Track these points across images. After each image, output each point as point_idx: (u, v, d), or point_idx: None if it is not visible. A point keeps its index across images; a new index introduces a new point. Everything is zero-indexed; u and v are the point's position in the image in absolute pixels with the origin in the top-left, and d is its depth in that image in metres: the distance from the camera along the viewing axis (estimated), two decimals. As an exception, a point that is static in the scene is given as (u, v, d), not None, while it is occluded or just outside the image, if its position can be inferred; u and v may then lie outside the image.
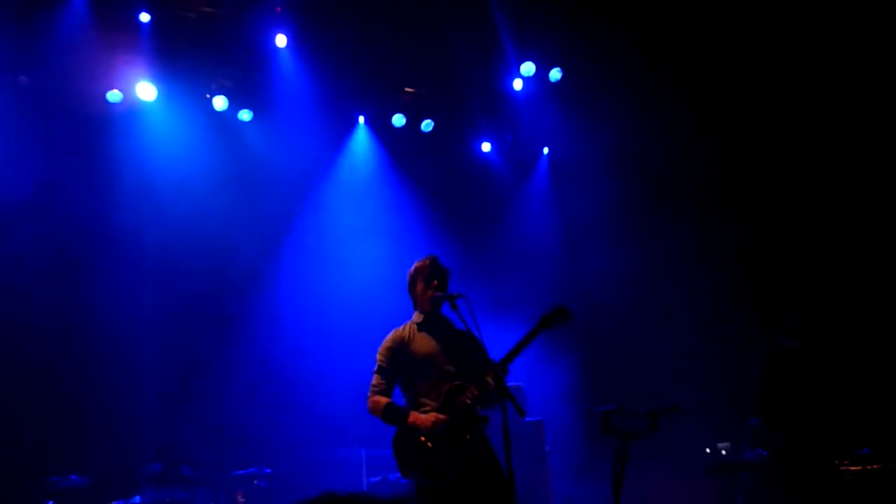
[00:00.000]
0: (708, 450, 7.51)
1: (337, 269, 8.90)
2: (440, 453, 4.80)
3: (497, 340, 4.86)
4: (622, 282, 9.03)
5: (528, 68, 9.37)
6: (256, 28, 8.57)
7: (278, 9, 8.48)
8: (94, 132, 8.56)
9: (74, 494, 7.03)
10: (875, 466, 6.73)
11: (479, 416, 4.97)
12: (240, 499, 7.55)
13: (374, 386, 5.06)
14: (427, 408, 4.93)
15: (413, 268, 5.26)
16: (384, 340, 5.20)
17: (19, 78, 8.19)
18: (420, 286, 5.19)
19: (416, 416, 4.89)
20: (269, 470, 7.76)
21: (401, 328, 5.23)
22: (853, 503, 6.67)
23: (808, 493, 6.15)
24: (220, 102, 8.91)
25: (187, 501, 7.37)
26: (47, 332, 7.73)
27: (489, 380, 4.78)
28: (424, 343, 5.11)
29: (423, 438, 4.85)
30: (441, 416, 4.85)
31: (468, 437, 4.83)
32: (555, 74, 9.37)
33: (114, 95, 8.48)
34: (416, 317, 5.23)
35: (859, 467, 6.88)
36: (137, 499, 7.21)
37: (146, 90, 8.49)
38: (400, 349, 5.12)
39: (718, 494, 7.46)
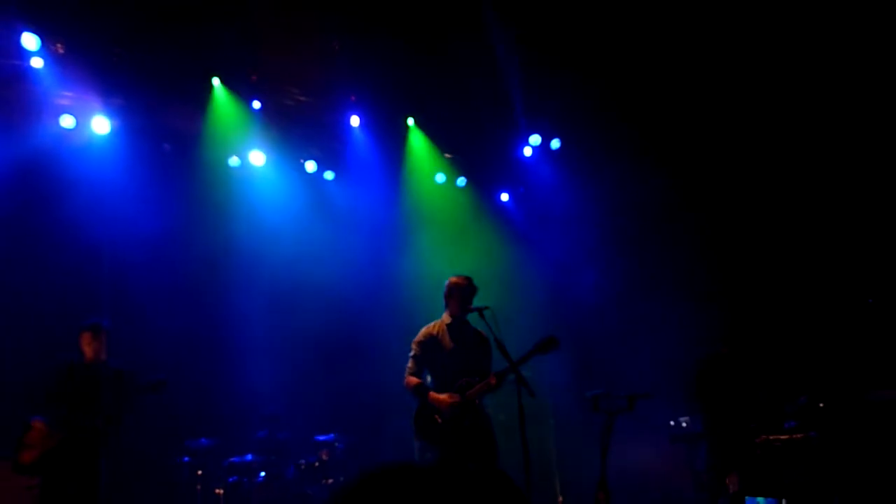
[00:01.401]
0: (672, 423, 7.45)
1: (392, 283, 8.88)
2: (445, 428, 4.87)
3: (511, 341, 4.88)
4: (607, 296, 9.04)
5: (535, 139, 9.46)
6: (336, 111, 8.75)
7: (352, 97, 8.64)
8: (219, 187, 8.66)
9: (204, 452, 7.25)
10: (798, 436, 6.68)
11: (480, 406, 5.02)
12: (323, 457, 7.56)
13: (408, 369, 5.09)
14: (442, 392, 4.96)
15: (452, 281, 5.22)
16: (418, 334, 5.20)
17: (164, 146, 8.38)
18: (455, 297, 5.15)
19: (435, 396, 4.92)
20: (345, 436, 7.83)
21: (431, 325, 5.21)
22: (779, 466, 6.65)
23: (723, 457, 6.24)
24: (311, 166, 9.08)
25: (284, 459, 7.52)
26: (187, 334, 7.81)
27: (492, 381, 4.86)
28: (449, 341, 5.11)
29: (436, 416, 4.90)
30: (452, 401, 4.87)
31: (467, 422, 4.88)
32: (555, 143, 9.46)
33: (233, 161, 8.67)
34: (446, 318, 5.21)
35: (787, 436, 6.83)
36: (249, 456, 7.38)
37: (257, 157, 8.65)
38: (429, 342, 5.12)
39: (680, 458, 7.41)
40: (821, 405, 6.76)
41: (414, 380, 5.04)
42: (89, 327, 5.92)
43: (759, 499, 6.10)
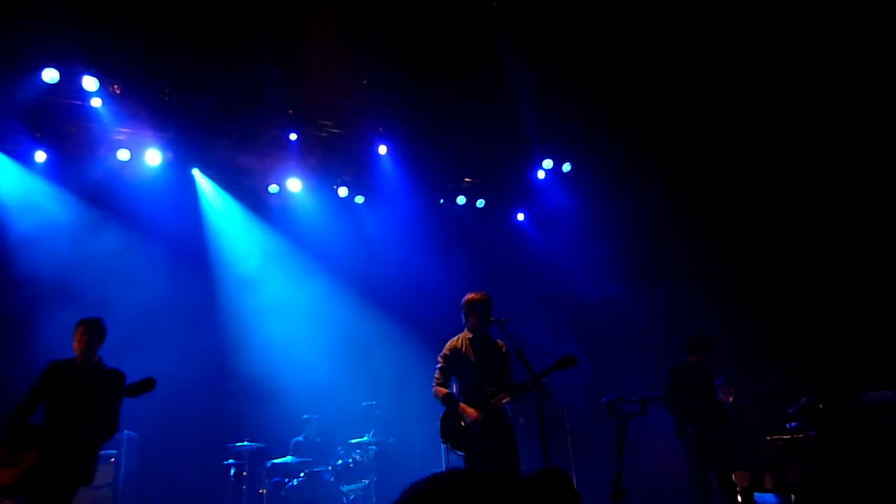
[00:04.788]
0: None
1: (418, 297, 8.76)
2: (470, 434, 4.81)
3: (530, 350, 4.78)
4: (617, 306, 8.98)
5: (548, 163, 9.50)
6: (366, 141, 8.76)
7: (380, 129, 8.68)
8: (261, 211, 8.80)
9: (247, 454, 7.31)
10: (799, 436, 6.59)
11: (503, 414, 4.96)
12: (357, 458, 7.48)
13: (436, 379, 5.04)
14: (468, 400, 4.90)
15: (469, 298, 5.13)
16: (444, 347, 5.13)
17: (209, 173, 8.50)
18: (475, 312, 5.07)
19: (464, 406, 4.86)
20: (376, 439, 7.72)
21: (455, 339, 5.14)
22: (786, 462, 6.54)
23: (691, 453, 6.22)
24: (343, 191, 9.12)
25: (321, 460, 7.49)
26: (231, 347, 7.88)
27: (514, 395, 4.83)
28: (471, 354, 5.04)
29: (461, 421, 4.84)
30: (478, 416, 4.79)
31: (490, 428, 4.80)
32: (566, 167, 9.51)
33: (273, 188, 8.80)
34: (467, 332, 5.14)
35: (789, 436, 6.73)
36: (289, 458, 7.38)
37: (294, 184, 8.73)
38: (454, 355, 5.06)
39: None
40: (820, 406, 6.68)
41: (442, 390, 5.01)
42: (77, 323, 4.83)
43: (768, 495, 6.00)
